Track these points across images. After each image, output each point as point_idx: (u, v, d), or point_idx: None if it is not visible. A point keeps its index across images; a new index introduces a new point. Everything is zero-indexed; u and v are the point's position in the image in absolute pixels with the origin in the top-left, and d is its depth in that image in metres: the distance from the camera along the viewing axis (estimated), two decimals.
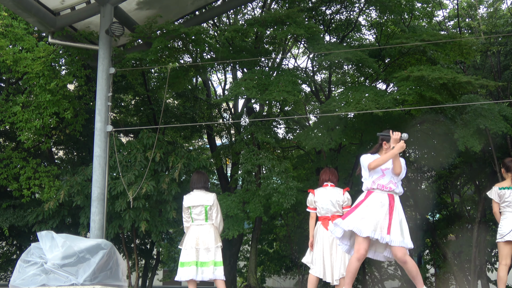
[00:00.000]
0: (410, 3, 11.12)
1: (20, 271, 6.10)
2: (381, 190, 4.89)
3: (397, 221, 4.83)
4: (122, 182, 8.77)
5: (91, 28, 8.93)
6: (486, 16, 12.86)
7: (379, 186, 4.90)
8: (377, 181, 4.92)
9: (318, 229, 6.07)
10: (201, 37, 9.47)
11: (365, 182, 5.02)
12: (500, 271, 5.91)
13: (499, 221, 5.98)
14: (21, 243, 11.90)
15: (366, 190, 5.00)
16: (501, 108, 9.80)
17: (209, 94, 14.94)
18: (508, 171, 6.02)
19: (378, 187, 4.90)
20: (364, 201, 4.93)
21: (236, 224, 9.73)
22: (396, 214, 4.85)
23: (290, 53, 14.51)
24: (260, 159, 9.77)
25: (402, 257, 4.76)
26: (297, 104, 13.35)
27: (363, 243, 4.82)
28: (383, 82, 12.36)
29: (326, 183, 6.21)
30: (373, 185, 4.92)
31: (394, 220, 4.81)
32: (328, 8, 12.18)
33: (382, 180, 4.91)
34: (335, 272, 5.88)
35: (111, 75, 8.06)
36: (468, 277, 13.61)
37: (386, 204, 4.84)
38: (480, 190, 13.34)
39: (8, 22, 9.23)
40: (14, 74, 9.61)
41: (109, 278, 6.33)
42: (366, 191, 4.99)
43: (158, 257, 13.72)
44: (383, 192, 4.89)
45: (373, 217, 4.80)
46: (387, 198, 4.87)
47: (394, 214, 4.83)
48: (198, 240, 6.06)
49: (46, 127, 9.29)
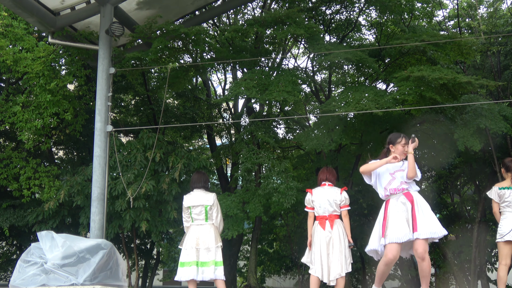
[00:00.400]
0: (410, 3, 11.11)
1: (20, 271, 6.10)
2: (395, 194, 4.90)
3: (421, 214, 4.78)
4: (122, 182, 8.78)
5: (91, 28, 8.93)
6: (486, 16, 12.85)
7: (391, 191, 4.90)
8: (388, 186, 4.93)
9: (315, 228, 6.06)
10: (201, 37, 9.47)
11: (379, 191, 5.03)
12: (500, 271, 5.91)
13: (499, 221, 5.99)
14: (21, 243, 11.90)
15: (384, 199, 5.02)
16: (501, 108, 9.80)
17: (209, 94, 14.94)
18: (508, 171, 6.02)
19: (391, 192, 4.90)
20: (387, 211, 4.90)
21: (236, 224, 9.73)
22: (418, 208, 4.80)
23: (290, 53, 14.51)
24: (260, 158, 9.77)
25: (422, 253, 4.72)
26: (297, 104, 13.36)
27: (394, 248, 4.74)
28: (383, 82, 12.36)
29: (323, 183, 6.21)
30: (386, 192, 4.93)
31: (418, 215, 4.77)
32: (328, 8, 12.18)
33: (392, 184, 4.91)
34: (332, 272, 5.87)
35: (111, 75, 8.06)
36: (468, 277, 13.61)
37: (407, 202, 4.82)
38: (480, 190, 13.35)
39: (8, 22, 9.23)
40: (14, 74, 9.62)
41: (109, 278, 6.33)
42: (385, 201, 5.00)
43: (158, 257, 13.73)
44: (398, 195, 4.89)
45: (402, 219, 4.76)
46: (404, 197, 4.85)
47: (416, 209, 4.79)
48: (199, 240, 6.06)
49: (46, 127, 9.29)
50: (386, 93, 9.91)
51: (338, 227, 5.99)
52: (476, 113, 9.46)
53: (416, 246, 4.76)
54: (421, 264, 4.81)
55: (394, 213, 4.81)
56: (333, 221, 5.98)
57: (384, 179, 4.94)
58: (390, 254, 4.74)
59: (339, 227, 5.99)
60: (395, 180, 4.91)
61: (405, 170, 4.92)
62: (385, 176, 4.94)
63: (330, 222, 5.97)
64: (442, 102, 9.14)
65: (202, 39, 9.61)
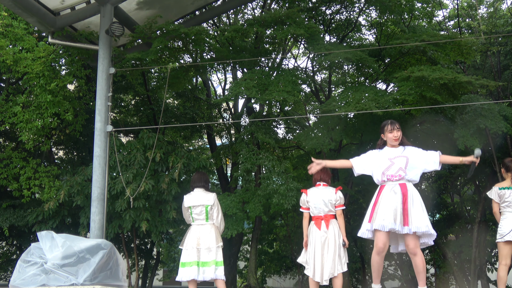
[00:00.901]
0: (410, 3, 11.12)
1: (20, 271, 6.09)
2: (391, 181, 4.83)
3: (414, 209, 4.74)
4: (122, 181, 8.78)
5: (91, 28, 8.92)
6: (486, 16, 12.85)
7: (388, 176, 4.84)
8: (386, 172, 4.87)
9: (311, 229, 6.06)
10: (201, 37, 9.47)
11: (375, 177, 4.96)
12: (500, 271, 5.91)
13: (499, 221, 5.98)
14: (21, 243, 11.90)
15: (379, 185, 4.96)
16: (501, 108, 9.80)
17: (209, 94, 14.94)
18: (508, 171, 6.02)
19: (388, 178, 4.84)
20: (379, 197, 4.87)
21: (235, 223, 9.74)
22: (411, 202, 4.76)
23: (290, 53, 14.51)
24: (260, 159, 9.77)
25: (413, 248, 4.72)
26: (297, 104, 13.35)
27: (381, 236, 4.75)
28: (383, 82, 12.37)
29: (318, 183, 6.20)
30: (383, 177, 4.87)
31: (410, 210, 4.73)
32: (328, 8, 12.18)
33: (391, 170, 4.85)
34: (325, 272, 5.86)
35: (111, 75, 8.06)
36: (468, 277, 13.61)
37: (398, 193, 4.78)
38: (480, 190, 13.35)
39: (8, 22, 9.23)
40: (14, 74, 9.62)
41: (109, 278, 6.32)
42: (379, 186, 4.94)
43: (158, 257, 13.72)
44: (394, 182, 4.83)
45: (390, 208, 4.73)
46: (398, 187, 4.80)
47: (409, 203, 4.75)
48: (199, 240, 6.05)
49: (46, 127, 9.29)
50: (386, 93, 9.92)
51: (334, 227, 5.99)
52: (476, 113, 9.45)
53: (408, 241, 4.76)
54: (414, 259, 4.80)
55: (385, 200, 4.79)
56: (328, 221, 5.98)
57: (383, 164, 4.90)
58: (379, 243, 4.76)
59: (334, 227, 5.99)
60: (393, 165, 4.86)
61: (406, 157, 4.86)
62: (384, 161, 4.90)
63: (325, 222, 5.97)
64: (442, 102, 9.15)
65: (202, 39, 9.61)
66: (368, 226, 4.89)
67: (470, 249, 13.00)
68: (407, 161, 4.86)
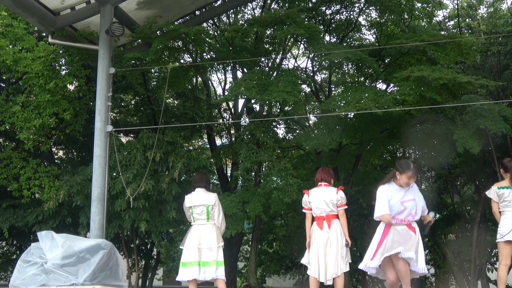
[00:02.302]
0: (410, 3, 11.12)
1: (20, 271, 6.10)
2: (399, 225, 5.09)
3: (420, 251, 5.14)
4: (122, 181, 8.78)
5: (91, 28, 8.92)
6: (486, 16, 12.85)
7: (398, 221, 5.09)
8: (397, 216, 5.10)
9: (313, 229, 6.07)
10: (201, 37, 9.47)
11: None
12: (500, 271, 5.90)
13: (499, 221, 5.98)
14: (21, 243, 11.90)
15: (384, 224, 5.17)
16: (501, 108, 9.80)
17: (209, 94, 14.94)
18: (507, 171, 6.01)
19: (397, 222, 5.09)
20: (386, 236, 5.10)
21: (235, 223, 9.75)
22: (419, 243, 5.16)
23: (290, 53, 14.51)
24: (260, 156, 9.77)
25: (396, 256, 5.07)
26: (297, 104, 13.35)
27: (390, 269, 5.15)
28: (383, 82, 12.36)
29: (320, 183, 6.20)
30: (393, 221, 5.11)
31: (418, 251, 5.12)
32: (328, 8, 12.18)
33: (401, 215, 5.08)
34: (329, 271, 5.88)
35: (111, 75, 8.06)
36: (468, 277, 13.61)
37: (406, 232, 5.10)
38: (480, 190, 13.35)
39: (8, 22, 9.22)
40: (14, 74, 9.61)
41: (109, 278, 6.33)
42: (384, 225, 5.16)
43: (158, 257, 13.72)
44: (401, 225, 5.09)
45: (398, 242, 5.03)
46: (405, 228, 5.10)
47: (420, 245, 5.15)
48: (201, 240, 6.05)
49: (45, 127, 9.29)
50: (386, 93, 9.91)
51: (336, 227, 5.99)
52: (476, 114, 9.45)
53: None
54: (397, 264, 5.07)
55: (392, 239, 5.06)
56: (330, 221, 5.98)
57: (395, 208, 5.10)
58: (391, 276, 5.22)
59: (336, 226, 6.00)
60: (405, 210, 5.08)
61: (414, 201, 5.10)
62: (396, 205, 5.10)
63: (327, 222, 5.98)
64: (442, 102, 9.14)
65: (202, 39, 9.61)
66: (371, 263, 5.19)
67: (470, 249, 13.01)
68: (416, 206, 5.14)
